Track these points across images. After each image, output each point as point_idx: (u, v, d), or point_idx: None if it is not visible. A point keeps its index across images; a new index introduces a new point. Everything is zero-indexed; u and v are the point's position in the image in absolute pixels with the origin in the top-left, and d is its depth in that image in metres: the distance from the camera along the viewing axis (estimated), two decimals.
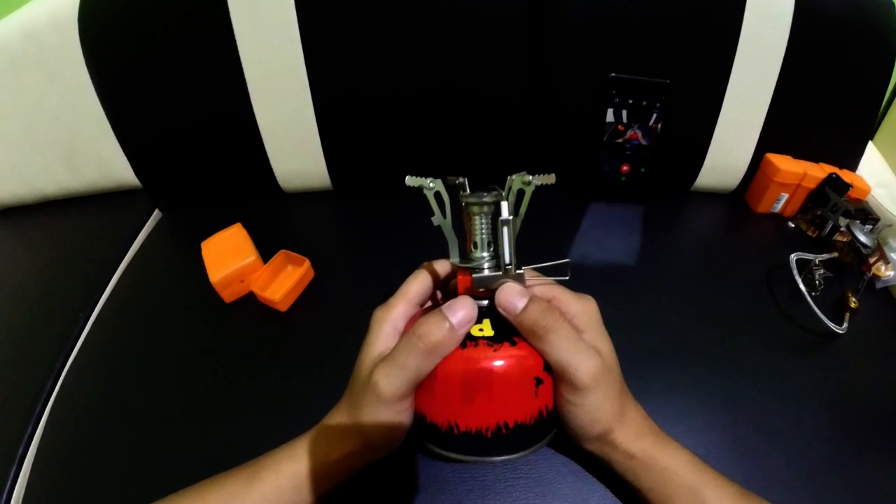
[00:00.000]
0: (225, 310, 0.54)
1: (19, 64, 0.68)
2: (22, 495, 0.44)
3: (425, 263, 0.38)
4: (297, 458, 0.33)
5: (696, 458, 0.33)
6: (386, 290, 0.37)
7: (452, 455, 0.33)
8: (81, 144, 0.73)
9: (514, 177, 0.31)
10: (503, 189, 0.32)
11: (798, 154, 0.69)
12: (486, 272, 0.33)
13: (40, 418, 0.50)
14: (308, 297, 0.55)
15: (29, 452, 0.47)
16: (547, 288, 0.36)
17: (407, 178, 0.32)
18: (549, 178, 0.31)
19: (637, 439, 0.33)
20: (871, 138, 0.81)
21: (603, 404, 0.32)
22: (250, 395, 0.47)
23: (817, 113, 0.68)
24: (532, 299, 0.32)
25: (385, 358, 0.32)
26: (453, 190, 0.34)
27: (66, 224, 0.76)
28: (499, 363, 0.31)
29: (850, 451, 0.43)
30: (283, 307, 0.53)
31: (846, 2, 0.64)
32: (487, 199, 0.32)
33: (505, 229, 0.31)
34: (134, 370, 0.51)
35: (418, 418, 0.34)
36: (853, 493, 0.41)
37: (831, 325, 0.50)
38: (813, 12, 0.62)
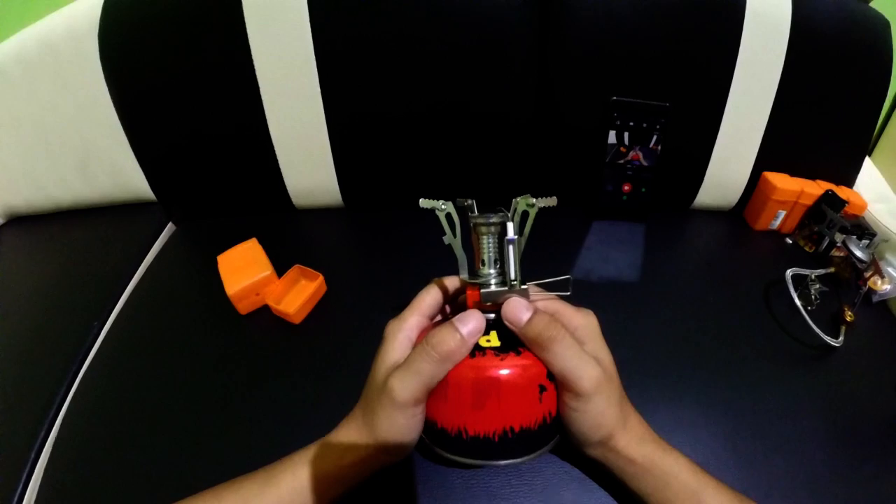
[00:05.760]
0: (240, 321, 0.56)
1: (35, 73, 0.69)
2: (33, 502, 0.45)
3: (436, 279, 0.40)
4: (312, 462, 0.35)
5: (696, 465, 0.35)
6: (395, 303, 0.39)
7: (461, 459, 0.35)
8: (96, 154, 0.72)
9: (518, 199, 0.34)
10: (509, 210, 0.35)
11: (795, 171, 0.70)
12: (494, 287, 0.35)
13: (53, 425, 0.50)
14: (321, 311, 0.57)
15: (41, 459, 0.48)
16: (550, 302, 0.38)
17: (420, 200, 0.34)
18: (551, 201, 0.33)
19: (638, 444, 0.34)
20: (869, 154, 0.82)
21: (605, 410, 0.33)
22: (264, 403, 0.48)
23: (814, 130, 0.69)
24: (536, 312, 0.34)
25: (400, 365, 0.34)
26: (463, 211, 0.36)
27: (80, 234, 0.76)
28: (505, 371, 0.33)
29: (847, 461, 0.44)
30: (297, 319, 0.55)
31: (842, 20, 0.65)
32: (494, 219, 0.35)
33: (510, 248, 0.34)
34: (148, 378, 0.52)
35: (428, 425, 0.35)
36: (850, 502, 0.42)
37: (827, 338, 0.51)
38: (809, 31, 0.63)
